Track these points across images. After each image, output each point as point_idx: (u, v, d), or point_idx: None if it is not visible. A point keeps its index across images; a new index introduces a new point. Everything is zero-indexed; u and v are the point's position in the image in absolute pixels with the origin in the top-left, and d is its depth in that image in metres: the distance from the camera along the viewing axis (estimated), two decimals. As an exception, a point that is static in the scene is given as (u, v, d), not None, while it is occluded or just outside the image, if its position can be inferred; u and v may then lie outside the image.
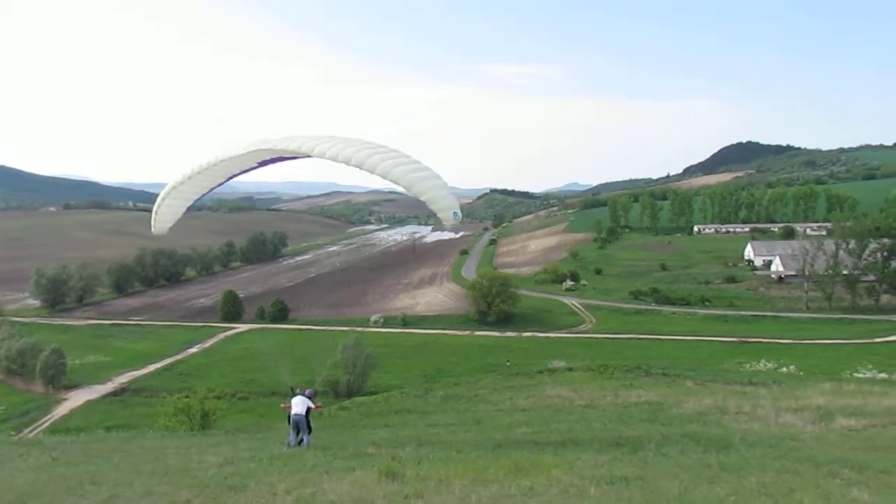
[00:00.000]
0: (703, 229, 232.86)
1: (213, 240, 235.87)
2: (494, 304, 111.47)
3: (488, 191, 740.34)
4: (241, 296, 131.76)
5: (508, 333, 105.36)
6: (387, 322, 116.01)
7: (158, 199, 22.65)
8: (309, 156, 19.28)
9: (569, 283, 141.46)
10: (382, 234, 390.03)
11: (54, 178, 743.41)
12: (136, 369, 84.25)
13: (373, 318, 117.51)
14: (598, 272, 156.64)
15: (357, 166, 18.37)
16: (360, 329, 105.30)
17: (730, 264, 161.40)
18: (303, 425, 17.88)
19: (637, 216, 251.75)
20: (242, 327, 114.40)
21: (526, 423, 23.33)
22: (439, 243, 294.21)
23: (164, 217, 22.84)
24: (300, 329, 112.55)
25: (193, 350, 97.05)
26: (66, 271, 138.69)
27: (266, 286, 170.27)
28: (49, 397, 72.35)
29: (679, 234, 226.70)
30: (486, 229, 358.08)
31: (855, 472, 11.50)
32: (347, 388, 65.13)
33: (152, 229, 23.40)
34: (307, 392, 18.67)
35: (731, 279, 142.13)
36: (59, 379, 75.07)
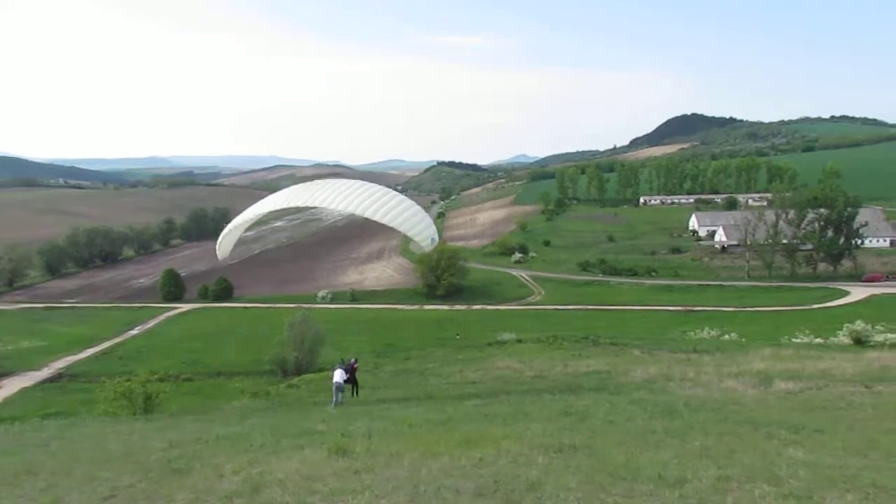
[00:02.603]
0: (649, 201, 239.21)
1: (151, 217, 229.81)
2: (443, 278, 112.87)
3: (435, 163, 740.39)
4: (182, 274, 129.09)
5: (458, 307, 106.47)
6: (335, 298, 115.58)
7: (221, 237, 29.36)
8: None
9: (518, 255, 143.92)
10: (329, 212, 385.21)
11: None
12: (74, 354, 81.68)
13: (320, 294, 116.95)
14: (547, 244, 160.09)
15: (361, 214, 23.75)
16: (307, 305, 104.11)
17: (675, 235, 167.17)
18: (343, 388, 24.73)
19: (584, 188, 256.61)
20: (185, 307, 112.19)
21: (476, 396, 23.48)
22: None
23: (226, 248, 29.46)
24: (245, 307, 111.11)
25: (134, 332, 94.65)
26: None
27: (209, 264, 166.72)
28: (-21, 386, 69.75)
29: (626, 206, 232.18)
30: (433, 202, 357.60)
31: (791, 433, 12.01)
32: (296, 366, 64.22)
33: (219, 257, 30.39)
34: (351, 361, 27.59)
35: (677, 250, 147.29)
36: (-11, 366, 72.34)
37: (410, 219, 23.78)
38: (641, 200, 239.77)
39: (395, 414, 18.85)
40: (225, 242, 28.52)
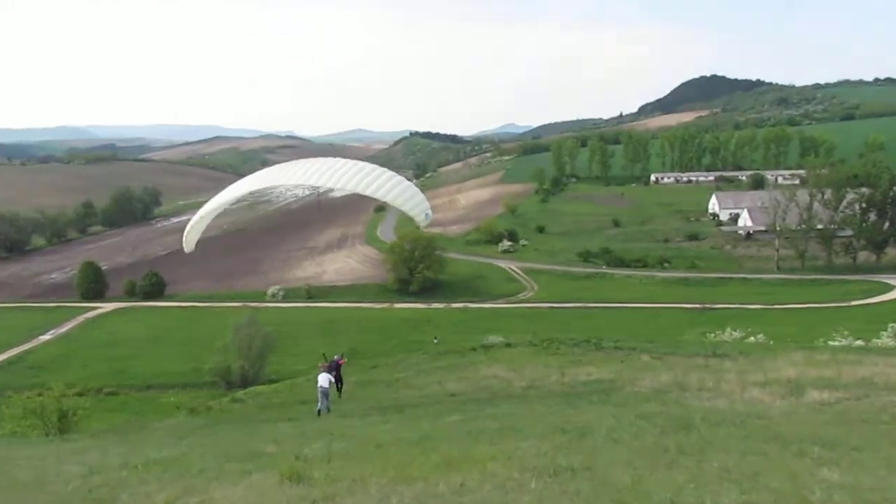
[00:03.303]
0: (662, 178, 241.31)
1: (66, 199, 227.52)
2: (418, 271, 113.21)
3: (408, 134, 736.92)
4: (104, 268, 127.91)
5: (435, 305, 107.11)
6: (288, 295, 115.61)
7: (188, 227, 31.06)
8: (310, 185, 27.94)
9: (506, 243, 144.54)
10: (280, 189, 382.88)
11: None
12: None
13: (270, 291, 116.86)
14: (541, 230, 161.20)
15: (352, 190, 26.48)
16: (255, 304, 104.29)
17: (692, 219, 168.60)
18: (328, 393, 26.72)
19: (585, 163, 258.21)
20: (108, 307, 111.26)
21: (457, 410, 23.09)
22: (350, 199, 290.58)
23: (194, 239, 31.25)
24: (181, 307, 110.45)
25: (46, 337, 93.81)
26: None
27: (136, 255, 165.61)
28: None
29: (634, 185, 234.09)
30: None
31: (826, 450, 12.08)
32: (242, 377, 64.54)
33: (185, 250, 31.48)
34: (336, 357, 29.97)
35: (694, 236, 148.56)
36: None
37: (403, 193, 26.27)
38: (652, 178, 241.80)
39: (360, 432, 18.87)
40: (193, 232, 30.15)
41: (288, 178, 28.18)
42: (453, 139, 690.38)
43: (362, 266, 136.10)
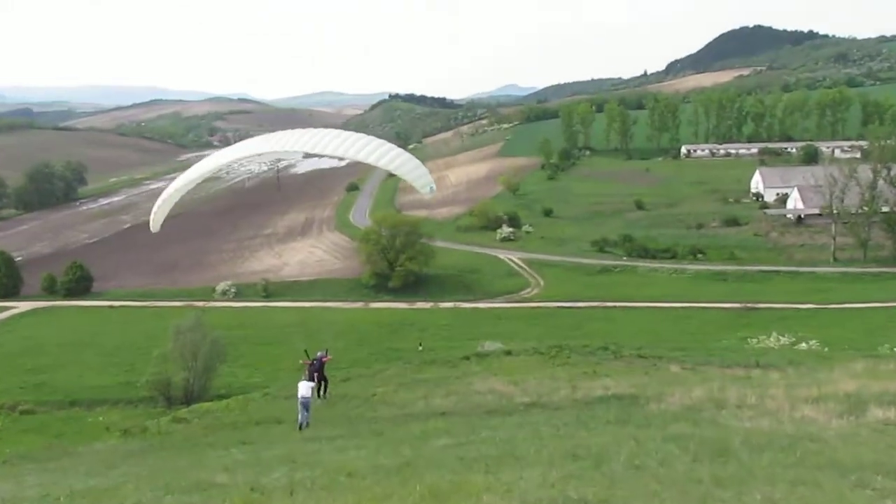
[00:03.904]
0: (695, 151, 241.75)
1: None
2: (399, 263, 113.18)
3: (387, 97, 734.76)
4: (17, 259, 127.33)
5: (420, 304, 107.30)
6: (241, 293, 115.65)
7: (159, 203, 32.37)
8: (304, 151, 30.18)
9: (506, 230, 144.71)
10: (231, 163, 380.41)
11: None
12: None
13: (220, 288, 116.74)
14: (548, 214, 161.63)
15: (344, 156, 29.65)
16: (201, 304, 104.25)
17: (730, 200, 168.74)
18: (310, 405, 28.38)
19: (602, 133, 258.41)
20: (23, 306, 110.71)
21: (446, 432, 22.68)
22: (316, 175, 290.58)
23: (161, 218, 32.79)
24: (111, 306, 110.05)
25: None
26: None
27: (57, 244, 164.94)
28: None
29: (661, 159, 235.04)
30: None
31: (890, 480, 12.08)
32: (185, 392, 64.32)
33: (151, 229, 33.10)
34: (318, 353, 31.68)
35: (733, 221, 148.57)
36: None
37: (408, 162, 28.67)
38: (683, 151, 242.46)
39: (329, 458, 18.82)
40: (162, 210, 32.14)
41: (282, 145, 29.59)
42: (442, 103, 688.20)
43: (331, 257, 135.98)
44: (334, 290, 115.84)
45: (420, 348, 77.62)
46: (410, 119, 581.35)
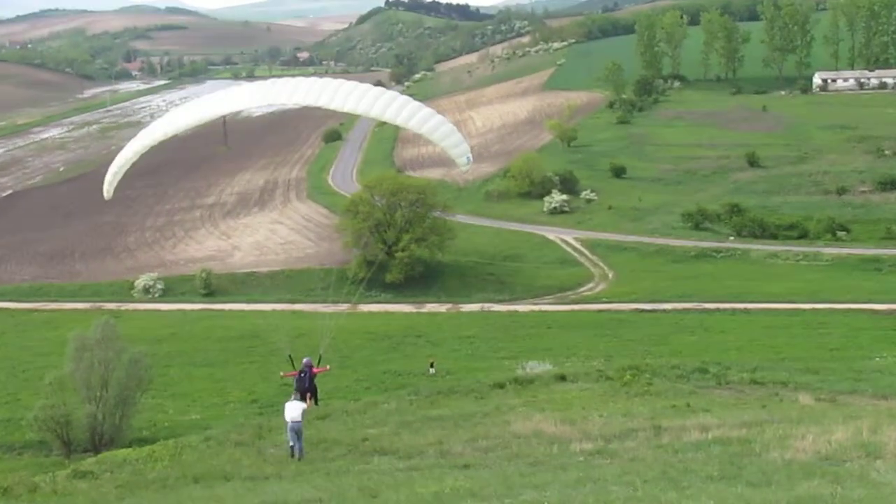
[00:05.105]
0: (834, 81, 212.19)
1: None
2: (401, 247, 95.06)
3: (383, 4, 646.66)
4: None
5: (432, 307, 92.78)
6: (171, 290, 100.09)
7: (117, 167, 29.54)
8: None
9: (557, 197, 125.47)
10: (159, 102, 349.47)
11: None
12: None
13: (141, 283, 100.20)
14: (619, 174, 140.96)
15: (374, 116, 27.20)
16: (113, 306, 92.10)
17: (887, 153, 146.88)
18: (301, 431, 26.85)
19: (698, 56, 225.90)
20: None
21: (471, 494, 19.84)
22: (280, 119, 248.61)
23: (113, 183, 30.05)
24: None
25: None
26: None
27: None
28: None
29: (784, 93, 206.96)
30: (378, 84, 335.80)
31: None
32: (92, 434, 53.79)
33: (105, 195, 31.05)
34: (305, 360, 30.84)
35: (891, 184, 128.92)
36: None
37: (441, 125, 26.32)
38: (817, 81, 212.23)
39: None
40: (122, 170, 29.13)
41: (274, 97, 28.87)
42: (463, 13, 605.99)
43: (302, 238, 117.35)
44: (306, 286, 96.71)
45: (432, 371, 67.01)
46: (416, 36, 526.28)
